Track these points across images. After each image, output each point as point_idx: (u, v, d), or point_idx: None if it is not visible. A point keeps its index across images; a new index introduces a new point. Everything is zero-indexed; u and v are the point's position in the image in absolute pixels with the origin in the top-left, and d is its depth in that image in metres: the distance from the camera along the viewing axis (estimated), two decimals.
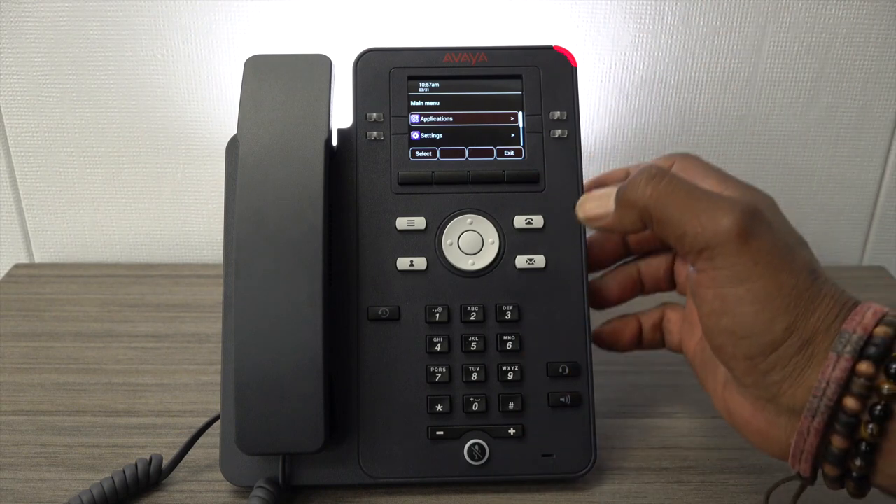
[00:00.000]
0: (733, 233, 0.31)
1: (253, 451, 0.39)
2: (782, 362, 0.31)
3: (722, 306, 0.32)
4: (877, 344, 0.30)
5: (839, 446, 0.30)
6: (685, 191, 0.34)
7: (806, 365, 0.31)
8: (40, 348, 0.55)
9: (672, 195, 0.33)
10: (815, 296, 0.31)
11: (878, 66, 0.65)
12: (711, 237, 0.32)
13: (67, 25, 0.62)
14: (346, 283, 0.43)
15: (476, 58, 0.45)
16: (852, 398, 0.30)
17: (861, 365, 0.30)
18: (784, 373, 0.31)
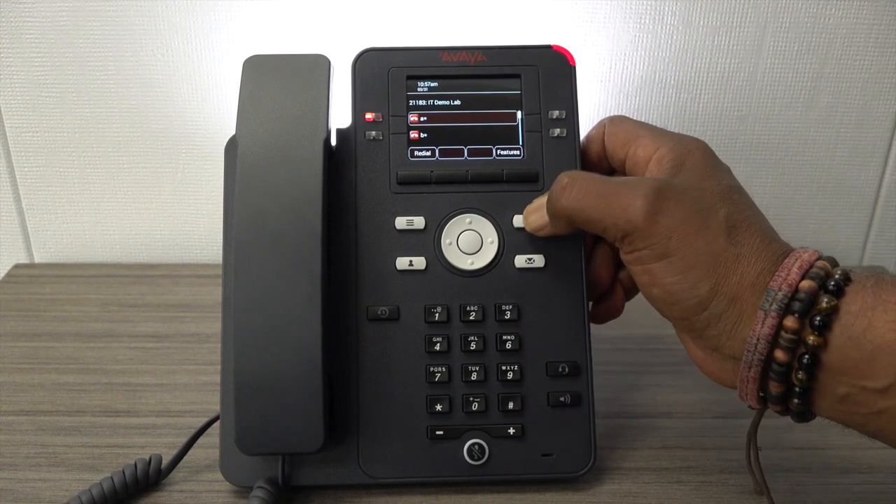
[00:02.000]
0: (640, 217, 0.35)
1: (253, 452, 0.39)
2: (714, 319, 0.34)
3: (650, 279, 0.36)
4: (801, 299, 0.32)
5: (776, 390, 0.33)
6: (595, 190, 0.37)
7: (738, 320, 0.34)
8: (40, 348, 0.55)
9: (585, 198, 0.37)
10: (735, 256, 0.34)
11: (878, 66, 0.65)
12: (625, 225, 0.35)
13: (67, 25, 0.62)
14: (345, 283, 0.43)
15: (475, 57, 0.45)
16: (781, 351, 0.32)
17: (787, 320, 0.32)
18: (719, 328, 0.34)
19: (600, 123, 0.43)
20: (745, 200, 0.37)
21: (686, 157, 0.38)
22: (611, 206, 0.36)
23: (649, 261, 0.35)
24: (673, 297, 0.35)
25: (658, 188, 0.35)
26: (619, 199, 0.36)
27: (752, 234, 0.35)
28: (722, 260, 0.34)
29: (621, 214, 0.35)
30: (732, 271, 0.34)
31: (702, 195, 0.36)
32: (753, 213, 0.36)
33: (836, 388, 0.32)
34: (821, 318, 0.31)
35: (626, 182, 0.37)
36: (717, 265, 0.34)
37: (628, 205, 0.35)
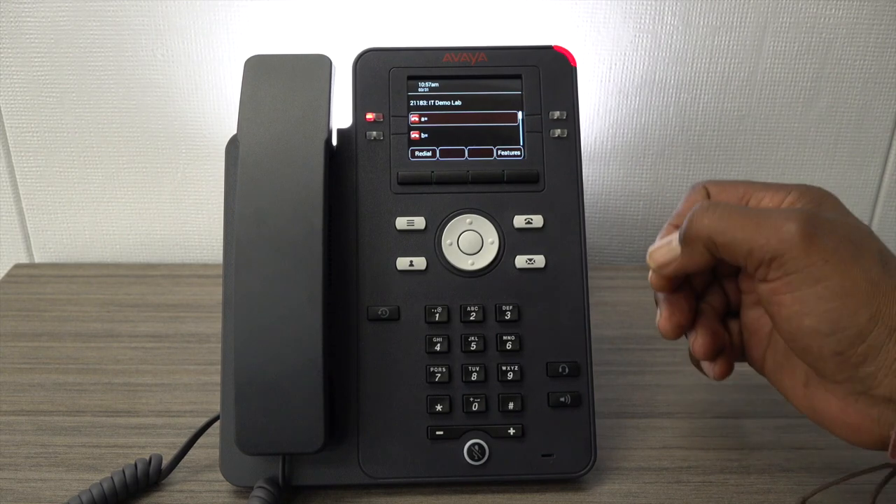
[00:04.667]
0: (797, 236, 0.32)
1: (253, 452, 0.39)
2: (873, 352, 0.31)
3: (802, 308, 0.33)
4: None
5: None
6: (740, 212, 0.35)
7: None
8: (40, 348, 0.55)
9: (729, 219, 0.35)
10: (893, 286, 0.32)
11: (878, 66, 0.65)
12: (778, 245, 0.33)
13: (67, 25, 0.62)
14: (345, 283, 0.43)
15: (476, 57, 0.45)
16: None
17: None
18: (877, 363, 0.31)
19: (694, 190, 0.40)
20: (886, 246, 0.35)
21: (821, 199, 0.36)
22: (760, 227, 0.34)
23: (802, 286, 0.33)
24: (830, 326, 0.32)
25: (810, 213, 0.33)
26: (768, 221, 0.34)
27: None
28: (882, 287, 0.32)
29: (773, 234, 0.33)
30: (892, 301, 0.32)
31: (851, 229, 0.34)
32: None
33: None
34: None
35: (773, 209, 0.35)
36: (875, 293, 0.32)
37: (780, 226, 0.33)
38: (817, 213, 0.34)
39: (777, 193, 0.37)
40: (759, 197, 0.38)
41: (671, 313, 0.40)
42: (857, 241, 0.33)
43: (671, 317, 0.40)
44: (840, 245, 0.33)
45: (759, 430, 0.47)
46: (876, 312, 0.31)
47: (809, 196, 0.37)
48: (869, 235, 0.34)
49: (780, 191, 0.37)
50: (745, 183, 0.39)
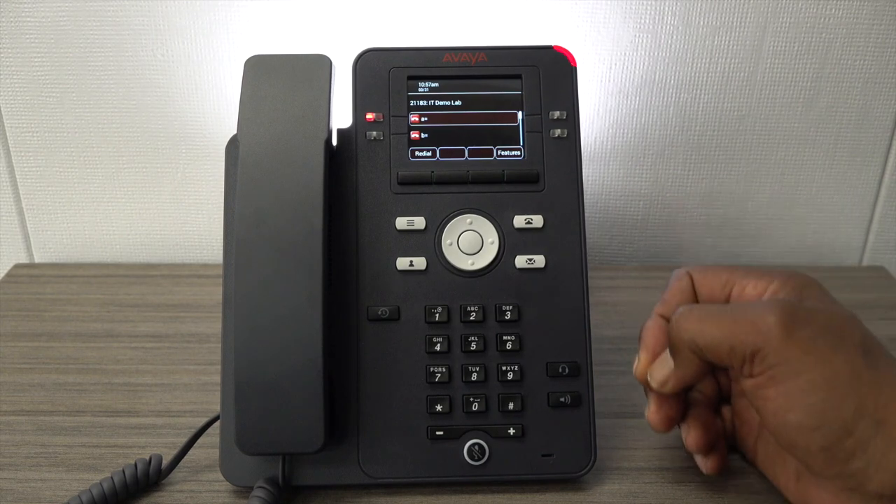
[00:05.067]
0: (775, 328, 0.32)
1: (253, 452, 0.39)
2: (861, 447, 0.31)
3: (786, 402, 0.32)
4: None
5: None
6: (717, 310, 0.35)
7: (888, 448, 0.30)
8: (40, 348, 0.55)
9: (707, 319, 0.35)
10: (874, 378, 0.31)
11: (878, 67, 0.65)
12: (756, 339, 0.33)
13: (67, 25, 0.62)
14: (345, 283, 0.43)
15: (476, 58, 0.45)
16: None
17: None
18: (866, 459, 0.31)
19: (678, 276, 0.41)
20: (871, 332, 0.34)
21: (804, 287, 0.36)
22: (738, 323, 0.33)
23: (785, 379, 0.32)
24: (815, 420, 0.31)
25: (789, 304, 0.33)
26: (746, 316, 0.33)
27: (888, 359, 0.33)
28: (865, 378, 0.31)
29: (751, 329, 0.33)
30: (877, 393, 0.31)
31: (832, 318, 0.33)
32: (883, 344, 0.34)
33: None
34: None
35: (750, 304, 0.35)
36: (858, 384, 0.31)
37: (758, 319, 0.33)
38: (796, 303, 0.34)
39: (760, 281, 0.37)
40: (742, 285, 0.38)
41: (659, 407, 0.40)
42: (838, 331, 0.33)
43: (659, 410, 0.40)
44: (820, 335, 0.32)
45: None
46: (861, 405, 0.31)
47: (792, 284, 0.36)
48: (851, 323, 0.33)
49: (762, 278, 0.37)
50: (729, 269, 0.39)
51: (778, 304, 0.33)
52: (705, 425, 0.39)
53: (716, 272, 0.40)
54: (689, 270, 0.41)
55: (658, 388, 0.39)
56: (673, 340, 0.37)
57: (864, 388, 0.31)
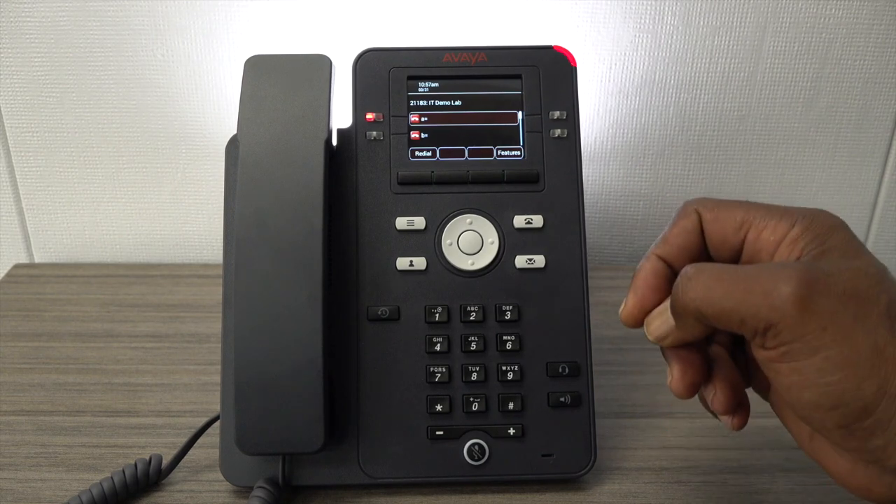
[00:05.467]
0: (790, 302, 0.29)
1: (253, 452, 0.39)
2: (882, 426, 0.29)
3: (801, 379, 0.30)
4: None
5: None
6: (727, 277, 0.31)
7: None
8: (40, 348, 0.55)
9: (716, 286, 0.31)
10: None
11: (878, 66, 0.65)
12: (769, 313, 0.29)
13: (67, 25, 0.62)
14: (345, 283, 0.43)
15: (476, 58, 0.45)
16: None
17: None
18: (886, 437, 0.29)
19: (685, 213, 0.36)
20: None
21: (828, 235, 0.32)
22: (750, 293, 0.30)
23: (800, 357, 0.29)
24: (832, 401, 0.29)
25: (806, 270, 0.29)
26: (759, 285, 0.30)
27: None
28: (887, 355, 0.28)
29: (764, 301, 0.29)
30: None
31: (856, 279, 0.30)
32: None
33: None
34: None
35: (764, 267, 0.31)
36: (882, 361, 0.28)
37: (772, 290, 0.29)
38: (815, 267, 0.30)
39: (780, 223, 0.33)
40: (759, 228, 0.34)
41: (684, 372, 0.35)
42: (862, 296, 0.29)
43: (684, 376, 0.35)
44: (840, 307, 0.29)
45: (759, 430, 0.47)
46: (883, 382, 0.28)
47: (815, 229, 0.32)
48: (877, 285, 0.30)
49: (783, 220, 0.33)
50: (744, 207, 0.34)
51: (795, 271, 0.29)
52: (732, 385, 0.35)
53: (730, 210, 0.34)
54: (698, 206, 0.35)
55: (654, 341, 0.36)
56: (676, 306, 0.33)
57: (887, 365, 0.28)
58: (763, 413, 0.48)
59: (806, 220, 0.33)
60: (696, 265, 0.32)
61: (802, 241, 0.32)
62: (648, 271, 0.36)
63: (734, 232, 0.34)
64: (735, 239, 0.34)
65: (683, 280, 0.32)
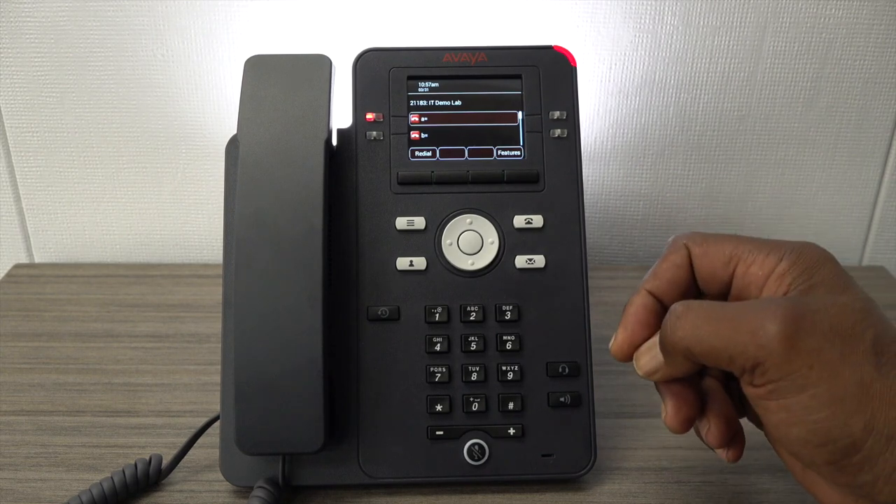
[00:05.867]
0: (776, 340, 0.29)
1: (253, 452, 0.39)
2: (871, 462, 0.29)
3: (789, 416, 0.30)
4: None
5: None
6: (715, 315, 0.32)
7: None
8: (40, 348, 0.55)
9: (704, 326, 0.32)
10: (888, 385, 0.29)
11: (878, 67, 0.65)
12: (757, 352, 0.30)
13: (67, 25, 0.62)
14: (345, 283, 0.43)
15: (476, 58, 0.45)
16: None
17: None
18: (875, 473, 0.29)
19: (675, 248, 0.36)
20: (886, 318, 0.31)
21: (815, 269, 0.32)
22: (737, 332, 0.30)
23: (788, 394, 0.30)
24: (821, 438, 0.29)
25: (792, 308, 0.30)
26: (746, 323, 0.30)
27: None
28: (876, 390, 0.29)
29: (751, 340, 0.30)
30: (888, 406, 0.28)
31: (842, 315, 0.30)
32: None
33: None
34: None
35: (751, 304, 0.32)
36: (869, 398, 0.28)
37: (759, 328, 0.30)
38: (801, 303, 0.30)
39: (768, 258, 0.33)
40: (747, 262, 0.34)
41: (678, 408, 0.36)
42: (848, 333, 0.30)
43: (678, 412, 0.36)
44: (826, 344, 0.29)
45: (759, 430, 0.47)
46: (870, 419, 0.28)
47: (802, 263, 0.33)
48: (863, 321, 0.30)
49: (770, 255, 0.33)
50: (734, 241, 0.35)
51: (781, 308, 0.30)
52: (726, 418, 0.36)
53: (718, 245, 0.35)
54: (687, 241, 0.36)
55: (644, 376, 0.36)
56: (665, 344, 0.34)
57: (874, 402, 0.29)
58: None
59: (793, 255, 0.33)
60: (685, 303, 0.33)
61: (790, 276, 0.33)
62: (639, 306, 0.37)
63: (723, 266, 0.35)
64: (724, 273, 0.35)
65: (672, 318, 0.33)
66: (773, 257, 0.33)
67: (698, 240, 0.36)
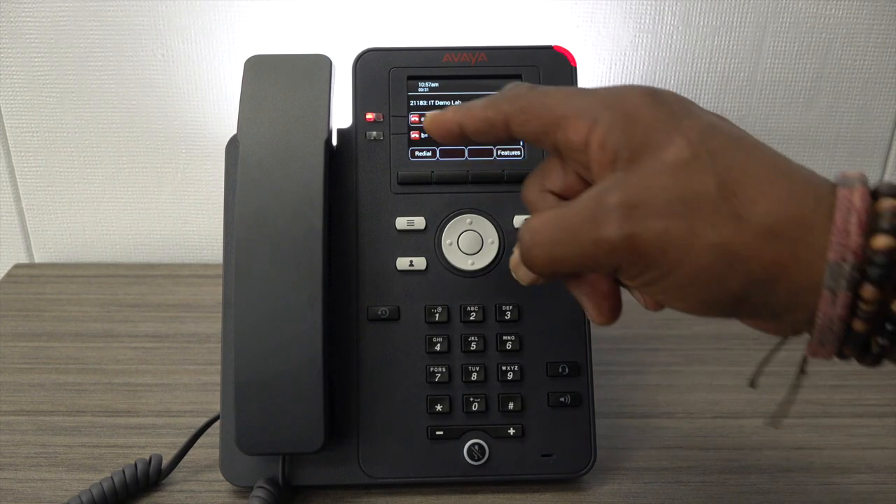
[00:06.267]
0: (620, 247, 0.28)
1: (253, 452, 0.39)
2: (761, 307, 0.28)
3: (667, 297, 0.29)
4: (880, 264, 0.25)
5: (851, 353, 0.28)
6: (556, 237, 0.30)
7: (792, 295, 0.27)
8: (40, 348, 0.55)
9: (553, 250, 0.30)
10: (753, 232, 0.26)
11: (878, 66, 0.65)
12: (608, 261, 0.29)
13: (67, 25, 0.62)
14: (345, 283, 0.43)
15: (476, 58, 0.45)
16: (861, 322, 0.26)
17: (865, 291, 0.25)
18: (770, 309, 0.28)
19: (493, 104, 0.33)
20: (729, 138, 0.29)
21: (633, 124, 0.29)
22: (583, 245, 0.29)
23: (655, 282, 0.28)
24: (704, 305, 0.28)
25: (621, 201, 0.28)
26: (586, 235, 0.28)
27: (760, 189, 0.27)
28: (738, 244, 0.26)
29: (598, 251, 0.28)
30: (760, 249, 0.26)
31: (674, 178, 0.27)
32: (747, 156, 0.28)
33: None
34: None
35: (583, 207, 0.29)
36: (734, 254, 0.26)
37: (599, 238, 0.28)
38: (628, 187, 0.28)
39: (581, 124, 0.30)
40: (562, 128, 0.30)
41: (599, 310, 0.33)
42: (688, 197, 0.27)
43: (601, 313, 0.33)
44: (670, 222, 0.27)
45: (759, 430, 0.47)
46: (745, 273, 0.27)
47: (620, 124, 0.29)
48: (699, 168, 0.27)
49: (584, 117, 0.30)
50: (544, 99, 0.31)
51: (612, 210, 0.28)
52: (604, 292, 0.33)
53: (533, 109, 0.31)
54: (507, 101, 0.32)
55: (528, 284, 0.33)
56: (534, 272, 0.31)
57: (742, 252, 0.26)
58: (763, 413, 0.49)
59: (606, 111, 0.30)
60: (529, 226, 0.31)
61: (610, 142, 0.29)
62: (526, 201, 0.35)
63: (544, 135, 0.31)
64: (547, 143, 0.32)
65: (523, 250, 0.31)
66: (586, 120, 0.30)
67: (513, 98, 0.32)
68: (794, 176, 0.27)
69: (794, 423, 0.47)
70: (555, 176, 0.33)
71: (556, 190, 0.33)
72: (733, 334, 0.56)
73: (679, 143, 0.28)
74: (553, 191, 0.34)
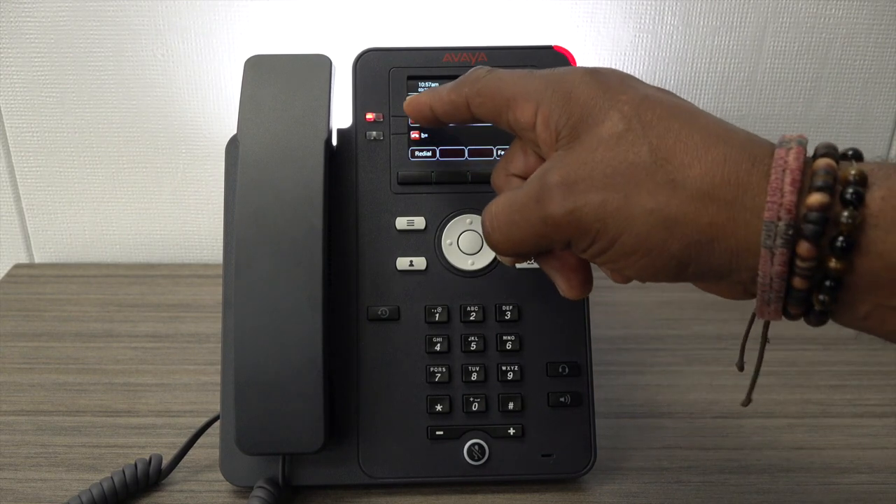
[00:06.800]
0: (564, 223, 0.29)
1: (253, 451, 0.39)
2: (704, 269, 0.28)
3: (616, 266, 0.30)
4: (814, 220, 0.26)
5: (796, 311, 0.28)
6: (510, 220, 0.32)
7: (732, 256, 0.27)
8: (40, 348, 0.55)
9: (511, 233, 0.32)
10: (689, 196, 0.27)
11: (878, 66, 0.65)
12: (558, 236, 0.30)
13: (67, 25, 0.62)
14: (345, 283, 0.43)
15: (476, 58, 0.45)
16: (800, 279, 0.27)
17: (801, 248, 0.26)
18: (714, 272, 0.28)
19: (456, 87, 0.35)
20: (665, 108, 0.29)
21: (571, 103, 0.30)
22: (533, 225, 0.31)
23: (603, 253, 0.30)
24: (651, 271, 0.29)
25: (561, 180, 0.29)
26: (535, 214, 0.30)
27: (695, 154, 0.27)
28: (674, 209, 0.27)
29: (547, 228, 0.30)
30: (696, 212, 0.27)
31: (610, 151, 0.29)
32: (682, 123, 0.28)
33: (860, 307, 0.27)
34: (843, 239, 0.25)
35: (532, 188, 0.31)
36: (672, 219, 0.27)
37: (545, 216, 0.30)
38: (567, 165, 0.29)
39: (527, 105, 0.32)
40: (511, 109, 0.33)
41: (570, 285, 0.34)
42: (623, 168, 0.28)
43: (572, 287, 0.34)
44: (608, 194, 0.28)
45: (759, 430, 0.47)
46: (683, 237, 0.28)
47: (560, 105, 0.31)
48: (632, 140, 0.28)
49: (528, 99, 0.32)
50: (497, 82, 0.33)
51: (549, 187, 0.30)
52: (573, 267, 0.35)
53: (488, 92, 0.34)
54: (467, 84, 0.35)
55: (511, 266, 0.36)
56: (499, 255, 0.34)
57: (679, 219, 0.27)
58: (763, 413, 0.49)
59: (548, 93, 0.31)
60: (489, 212, 0.33)
61: (553, 120, 0.31)
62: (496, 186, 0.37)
63: (498, 116, 0.34)
64: (502, 123, 0.34)
65: (486, 236, 0.33)
66: (531, 103, 0.32)
67: (472, 82, 0.34)
68: (731, 140, 0.28)
69: (794, 423, 0.47)
70: (517, 160, 0.36)
71: (519, 173, 0.36)
72: (733, 334, 0.56)
73: (613, 118, 0.29)
74: (517, 174, 0.36)
